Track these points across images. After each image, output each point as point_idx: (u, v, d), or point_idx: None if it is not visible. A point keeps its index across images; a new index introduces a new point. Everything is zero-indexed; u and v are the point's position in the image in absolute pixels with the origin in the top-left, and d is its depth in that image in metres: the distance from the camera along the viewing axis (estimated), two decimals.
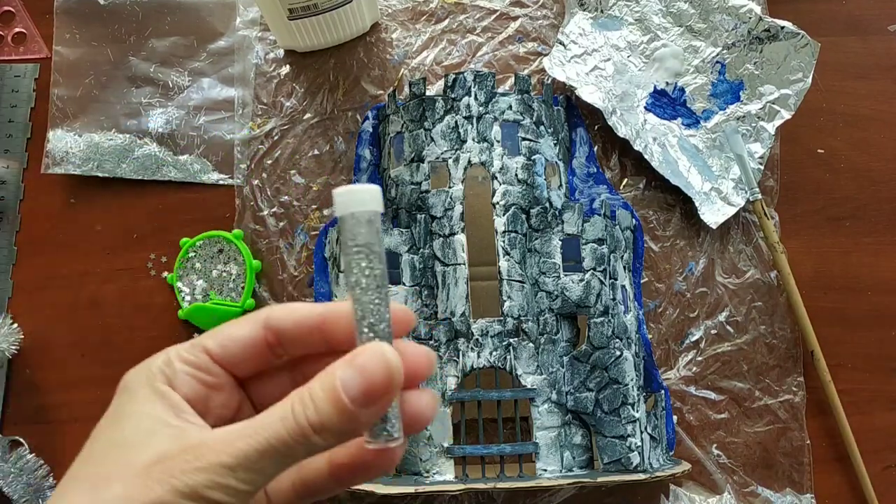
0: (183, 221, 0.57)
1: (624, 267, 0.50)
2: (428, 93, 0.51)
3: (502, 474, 0.44)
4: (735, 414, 0.54)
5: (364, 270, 0.25)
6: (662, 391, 0.50)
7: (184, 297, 0.54)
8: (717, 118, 0.58)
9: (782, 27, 0.57)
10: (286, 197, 0.57)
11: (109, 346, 0.55)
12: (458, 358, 0.45)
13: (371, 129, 0.57)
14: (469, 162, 0.48)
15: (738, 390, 0.55)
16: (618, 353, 0.46)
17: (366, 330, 0.25)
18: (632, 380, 0.46)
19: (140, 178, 0.58)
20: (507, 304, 0.46)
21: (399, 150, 0.51)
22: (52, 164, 0.57)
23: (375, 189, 0.25)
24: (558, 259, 0.47)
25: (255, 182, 0.58)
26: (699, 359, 0.55)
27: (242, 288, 0.54)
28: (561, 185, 0.52)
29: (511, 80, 0.58)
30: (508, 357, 0.46)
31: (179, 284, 0.55)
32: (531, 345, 0.46)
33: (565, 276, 0.47)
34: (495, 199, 0.48)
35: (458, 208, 0.47)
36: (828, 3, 0.63)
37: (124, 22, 0.61)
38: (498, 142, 0.49)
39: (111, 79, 0.60)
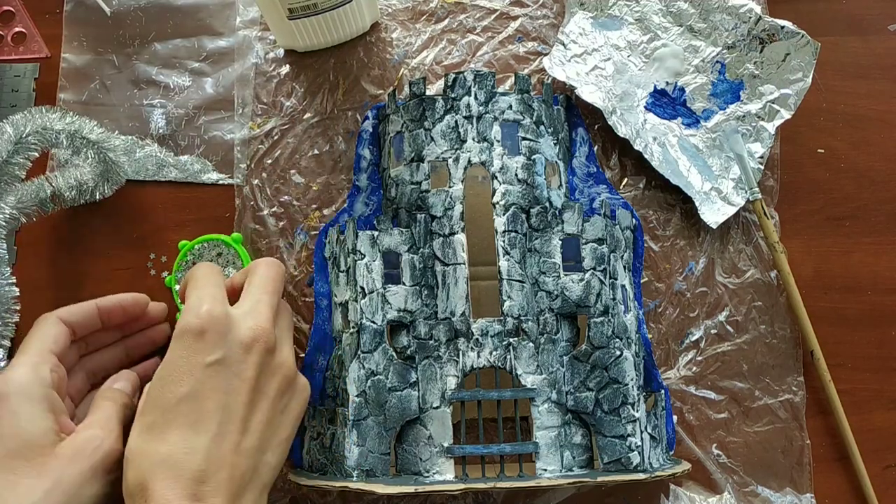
0: (183, 221, 0.57)
1: (624, 266, 0.50)
2: (428, 92, 0.51)
3: (502, 474, 0.44)
4: (735, 414, 0.54)
5: None
6: (662, 391, 0.50)
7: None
8: (717, 118, 0.58)
9: (782, 27, 0.57)
10: (286, 197, 0.57)
11: None
12: (458, 358, 0.45)
13: (371, 129, 0.57)
14: (469, 162, 0.48)
15: (738, 390, 0.55)
16: (618, 352, 0.46)
17: None
18: (632, 379, 0.46)
19: (141, 178, 0.58)
20: (507, 303, 0.46)
21: (399, 149, 0.51)
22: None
23: None
24: (558, 259, 0.47)
25: (255, 182, 0.58)
26: (699, 358, 0.55)
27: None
28: (561, 184, 0.52)
29: (511, 80, 0.59)
30: (508, 357, 0.46)
31: (178, 287, 0.55)
32: (531, 344, 0.46)
33: (565, 275, 0.47)
34: (495, 199, 0.48)
35: (458, 208, 0.47)
36: (828, 2, 0.63)
37: (128, 28, 0.61)
38: (498, 141, 0.49)
39: (115, 83, 0.60)
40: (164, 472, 0.36)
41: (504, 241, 0.47)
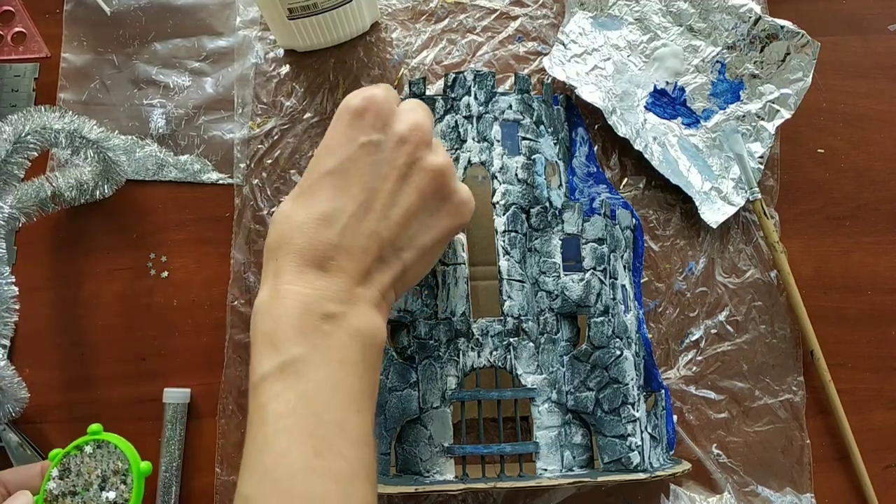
0: (183, 221, 0.57)
1: (624, 266, 0.50)
2: (428, 92, 0.51)
3: (502, 474, 0.44)
4: (735, 413, 0.54)
5: None
6: (662, 390, 0.50)
7: None
8: (717, 118, 0.58)
9: (782, 26, 0.57)
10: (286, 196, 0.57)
11: (109, 346, 0.55)
12: (459, 357, 0.45)
13: None
14: (469, 161, 0.48)
15: (738, 390, 0.55)
16: (618, 352, 0.46)
17: None
18: (632, 379, 0.46)
19: (141, 178, 0.58)
20: (507, 303, 0.46)
21: None
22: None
23: None
24: (558, 258, 0.47)
25: (255, 181, 0.58)
26: (699, 358, 0.55)
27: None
28: (561, 184, 0.52)
29: (511, 80, 0.59)
30: (508, 357, 0.46)
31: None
32: (531, 344, 0.46)
33: (565, 275, 0.47)
34: (495, 199, 0.48)
35: None
36: (828, 2, 0.63)
37: (128, 27, 0.61)
38: (498, 141, 0.49)
39: (115, 83, 0.60)
40: (300, 236, 0.37)
41: (504, 241, 0.47)
